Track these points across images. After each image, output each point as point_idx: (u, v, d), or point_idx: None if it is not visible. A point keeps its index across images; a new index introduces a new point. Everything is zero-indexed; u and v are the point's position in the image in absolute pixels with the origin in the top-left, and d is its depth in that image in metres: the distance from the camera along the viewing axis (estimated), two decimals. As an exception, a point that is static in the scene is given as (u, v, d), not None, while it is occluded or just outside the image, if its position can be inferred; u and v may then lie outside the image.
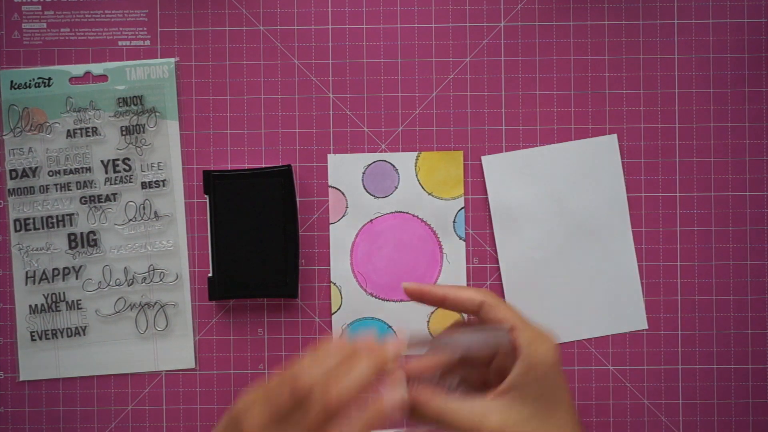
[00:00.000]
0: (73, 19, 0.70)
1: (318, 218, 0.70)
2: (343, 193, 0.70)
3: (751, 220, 0.69)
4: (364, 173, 0.70)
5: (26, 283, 0.69)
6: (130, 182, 0.69)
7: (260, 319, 0.70)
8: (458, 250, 0.69)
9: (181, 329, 0.69)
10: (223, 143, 0.70)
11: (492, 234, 0.69)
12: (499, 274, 0.69)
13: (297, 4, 0.70)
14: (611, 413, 0.69)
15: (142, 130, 0.69)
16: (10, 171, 0.69)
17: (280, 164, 0.68)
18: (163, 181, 0.70)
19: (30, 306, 0.69)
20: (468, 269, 0.69)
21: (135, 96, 0.69)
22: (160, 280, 0.69)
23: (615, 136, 0.69)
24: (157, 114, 0.69)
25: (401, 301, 0.70)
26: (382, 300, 0.70)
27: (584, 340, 0.69)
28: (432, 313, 0.69)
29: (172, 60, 0.69)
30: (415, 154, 0.70)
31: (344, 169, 0.70)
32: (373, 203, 0.70)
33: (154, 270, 0.69)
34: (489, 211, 0.69)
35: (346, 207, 0.70)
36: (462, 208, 0.70)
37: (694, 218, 0.69)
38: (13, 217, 0.69)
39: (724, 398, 0.69)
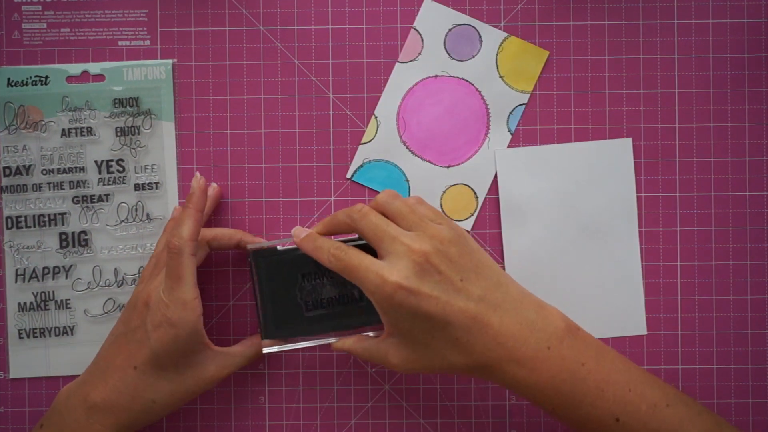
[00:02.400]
0: (73, 19, 0.69)
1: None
2: (422, 39, 0.69)
3: (751, 220, 0.69)
4: (450, 30, 0.69)
5: (16, 281, 0.69)
6: (124, 183, 0.69)
7: (260, 320, 0.70)
8: (502, 141, 0.69)
9: (176, 331, 0.69)
10: (223, 143, 0.70)
11: (500, 233, 0.69)
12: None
13: (297, 4, 0.70)
14: (612, 413, 0.69)
15: (137, 131, 0.69)
16: (4, 168, 0.69)
17: None
18: (157, 183, 0.69)
19: (19, 304, 0.69)
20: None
21: (131, 97, 0.69)
22: (151, 283, 0.69)
23: (630, 139, 0.69)
24: (153, 116, 0.69)
25: (428, 161, 0.69)
26: (411, 152, 0.69)
27: (584, 340, 0.69)
28: (447, 189, 0.69)
29: (170, 61, 0.69)
30: (504, 35, 0.69)
31: (434, 20, 0.69)
32: (446, 62, 0.69)
33: (144, 272, 0.69)
34: (498, 211, 0.69)
35: (420, 53, 0.69)
36: (523, 104, 0.69)
37: (694, 218, 0.69)
38: (6, 214, 0.69)
39: (724, 398, 0.69)
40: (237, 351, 0.65)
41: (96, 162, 0.69)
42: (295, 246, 0.63)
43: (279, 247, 0.64)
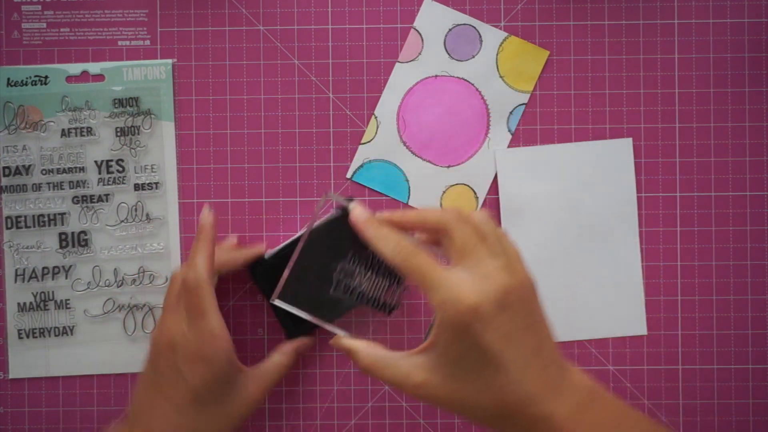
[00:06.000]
0: (73, 19, 0.69)
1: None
2: (422, 39, 0.69)
3: (751, 220, 0.69)
4: (450, 30, 0.69)
5: (15, 281, 0.69)
6: (123, 183, 0.69)
7: (260, 320, 0.70)
8: (502, 141, 0.69)
9: (172, 331, 0.69)
10: (223, 143, 0.69)
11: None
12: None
13: (297, 4, 0.70)
14: (612, 413, 0.69)
15: (136, 131, 0.69)
16: (4, 168, 0.69)
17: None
18: (156, 183, 0.69)
19: (18, 304, 0.69)
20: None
21: (131, 97, 0.69)
22: (150, 283, 0.69)
23: (630, 139, 0.69)
24: (153, 116, 0.69)
25: (428, 161, 0.69)
26: (411, 152, 0.69)
27: (584, 340, 0.69)
28: (447, 189, 0.69)
29: (170, 61, 0.69)
30: (504, 34, 0.69)
31: (434, 19, 0.69)
32: (446, 62, 0.69)
33: (144, 272, 0.69)
34: (499, 211, 0.69)
35: (420, 53, 0.69)
36: (523, 104, 0.69)
37: (694, 218, 0.69)
38: (5, 214, 0.69)
39: (724, 398, 0.69)
40: (271, 366, 0.64)
41: (96, 162, 0.69)
42: (284, 246, 0.66)
43: (267, 255, 0.66)
